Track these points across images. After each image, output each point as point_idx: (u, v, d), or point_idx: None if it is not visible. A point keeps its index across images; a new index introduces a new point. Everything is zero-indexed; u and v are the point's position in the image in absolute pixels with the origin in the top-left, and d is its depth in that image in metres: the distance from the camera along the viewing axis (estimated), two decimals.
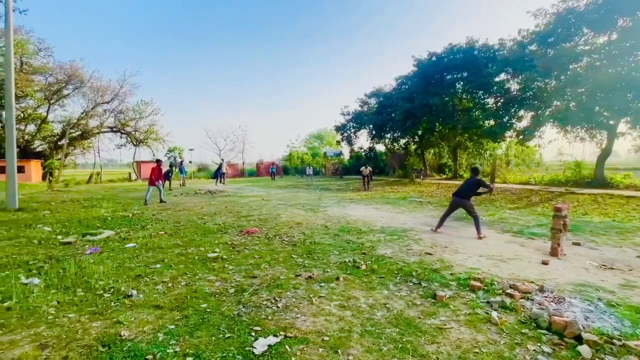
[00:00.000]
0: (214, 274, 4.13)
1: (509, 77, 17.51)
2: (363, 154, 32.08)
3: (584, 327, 2.76)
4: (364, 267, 4.37)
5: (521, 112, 16.73)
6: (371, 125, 27.16)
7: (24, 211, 9.51)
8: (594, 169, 14.69)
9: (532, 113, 16.01)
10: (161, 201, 11.78)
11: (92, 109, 32.01)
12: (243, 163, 40.64)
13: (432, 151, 27.68)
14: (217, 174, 22.48)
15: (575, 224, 7.34)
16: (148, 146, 35.72)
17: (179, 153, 37.53)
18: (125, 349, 2.56)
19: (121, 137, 35.13)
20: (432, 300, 3.38)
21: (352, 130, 30.09)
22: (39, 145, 32.37)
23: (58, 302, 3.34)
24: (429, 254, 5.05)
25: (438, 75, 20.84)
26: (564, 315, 2.98)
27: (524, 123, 16.69)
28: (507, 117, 16.93)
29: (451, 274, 4.14)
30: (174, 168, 19.68)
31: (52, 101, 30.54)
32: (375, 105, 27.59)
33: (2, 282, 3.83)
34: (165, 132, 37.29)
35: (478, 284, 3.71)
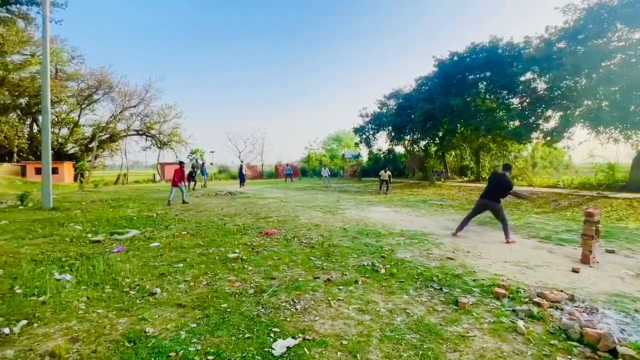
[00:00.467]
0: (234, 274, 4.20)
1: (536, 76, 16.83)
2: (382, 155, 31.73)
3: (619, 341, 2.60)
4: (383, 270, 4.32)
5: (548, 112, 16.04)
6: (390, 127, 26.86)
7: (58, 210, 10.04)
8: (629, 171, 13.87)
9: (561, 113, 15.31)
10: (184, 202, 12.10)
11: (119, 112, 33.52)
12: (262, 165, 41.20)
13: (453, 153, 27.05)
14: (242, 176, 22.81)
15: (609, 230, 6.94)
16: (171, 148, 37.04)
17: (201, 155, 38.55)
18: (149, 345, 2.64)
19: (146, 140, 36.65)
20: (454, 307, 3.29)
21: (371, 132, 29.84)
22: (71, 148, 34.21)
23: (88, 298, 3.49)
24: (451, 258, 4.92)
25: (460, 75, 20.35)
26: (597, 327, 2.82)
27: (551, 124, 15.98)
28: (533, 118, 16.28)
29: (474, 280, 4.02)
30: (196, 169, 20.18)
31: (83, 106, 32.23)
32: (394, 107, 27.27)
33: (38, 278, 4.06)
34: (187, 134, 38.61)
35: (503, 291, 3.58)
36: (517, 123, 17.40)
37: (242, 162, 29.61)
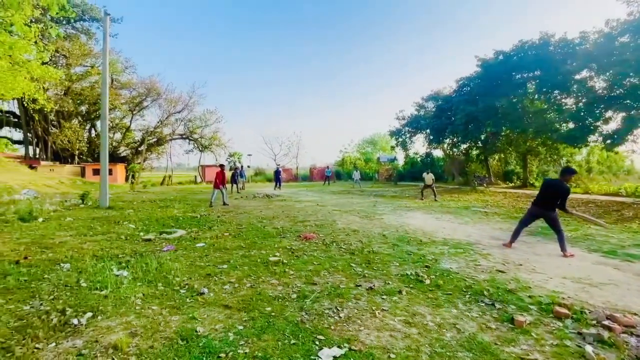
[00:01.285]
0: (276, 278, 4.26)
1: (593, 74, 15.42)
2: (418, 159, 30.88)
3: None
4: (427, 281, 4.15)
5: (609, 113, 14.61)
6: (428, 130, 26.11)
7: (113, 209, 10.86)
8: None
9: (624, 114, 13.88)
10: (224, 204, 12.54)
11: (166, 118, 35.81)
12: (297, 168, 41.79)
13: (496, 157, 25.64)
14: (278, 180, 23.25)
15: None
16: (212, 151, 38.80)
17: (238, 158, 39.99)
18: (201, 344, 2.74)
19: (189, 144, 38.74)
20: (510, 325, 3.06)
21: (408, 135, 29.16)
22: (123, 151, 37.16)
23: (143, 295, 3.72)
24: (501, 271, 4.61)
25: (505, 75, 19.24)
26: None
27: (612, 125, 14.55)
28: (590, 119, 14.93)
29: (530, 297, 3.72)
30: (238, 171, 20.87)
31: (134, 112, 34.94)
32: (433, 109, 26.49)
33: (100, 272, 4.39)
34: (226, 138, 40.33)
35: (564, 310, 3.27)
36: (570, 125, 16.07)
37: (278, 165, 30.24)
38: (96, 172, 27.50)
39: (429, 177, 15.26)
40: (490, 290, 3.88)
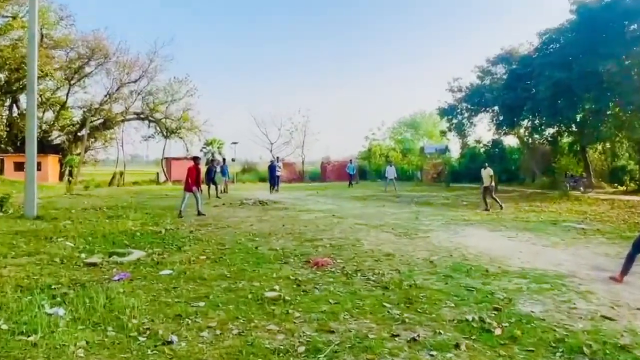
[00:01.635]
0: (275, 322, 4.28)
1: None
2: (481, 150, 30.55)
3: None
4: (498, 331, 4.10)
5: None
6: (496, 107, 25.95)
7: (43, 220, 11.17)
8: None
9: None
10: (199, 213, 12.70)
11: (116, 90, 36.49)
12: (303, 162, 41.97)
13: (599, 147, 25.36)
14: (274, 179, 23.45)
15: None
16: (181, 138, 39.31)
17: (218, 148, 40.32)
18: None
19: (149, 126, 39.34)
20: None
21: (466, 115, 28.98)
22: (57, 137, 38.05)
23: (87, 343, 3.78)
24: (609, 318, 4.53)
25: (614, 25, 18.87)
26: None
27: None
28: None
29: None
30: (218, 166, 21.12)
31: (72, 81, 35.65)
32: (504, 76, 26.20)
33: (26, 310, 4.50)
34: (202, 119, 40.42)
35: None
36: None
37: (276, 158, 30.28)
38: (19, 166, 28.24)
39: (486, 174, 15.13)
40: (593, 347, 3.80)
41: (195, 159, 13.36)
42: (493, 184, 15.35)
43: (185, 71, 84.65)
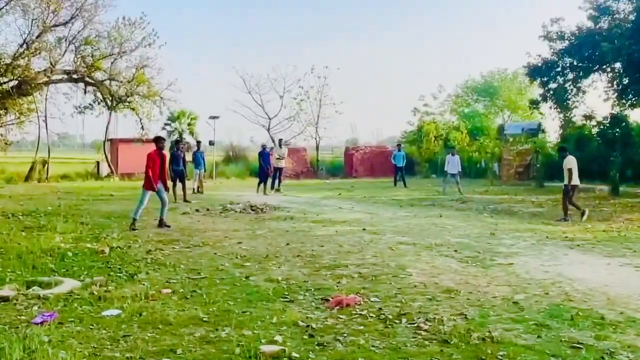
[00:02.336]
0: None
1: None
2: (594, 130, 29.94)
3: None
4: None
5: None
6: (619, 64, 25.42)
7: None
8: None
9: None
10: (161, 224, 12.72)
11: (37, 37, 36.22)
12: (317, 147, 41.83)
13: None
14: (265, 172, 23.35)
15: None
16: (133, 109, 38.57)
17: (190, 125, 40.32)
18: None
19: (85, 92, 38.64)
20: None
21: (570, 76, 28.18)
22: None
23: None
24: None
25: None
26: None
27: None
28: None
29: None
30: (182, 152, 20.92)
31: None
32: (633, 16, 25.42)
33: None
34: (165, 81, 39.77)
35: None
36: None
37: (278, 141, 29.61)
38: None
39: (570, 163, 15.80)
40: None
41: (158, 141, 13.15)
42: (571, 181, 15.89)
43: (142, 8, 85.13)
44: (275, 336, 5.37)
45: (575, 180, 15.71)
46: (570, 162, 15.77)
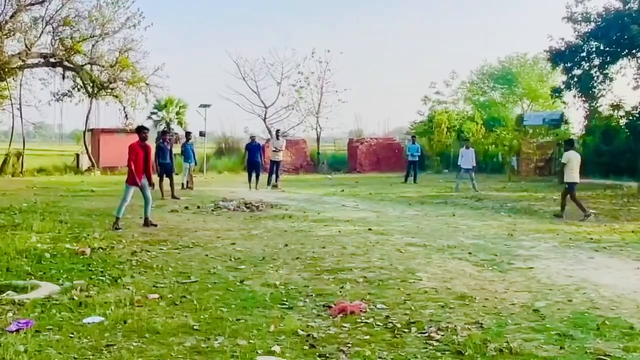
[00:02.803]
0: None
1: None
2: (622, 121, 29.90)
3: None
4: None
5: None
6: None
7: None
8: None
9: None
10: (147, 222, 12.76)
11: (11, 16, 36.24)
12: (318, 139, 41.89)
13: None
14: (256, 165, 23.27)
15: None
16: (116, 96, 38.68)
17: (178, 114, 40.34)
18: None
19: (64, 77, 38.69)
20: None
21: (596, 62, 28.32)
22: None
23: None
24: None
25: None
26: None
27: None
28: None
29: None
30: (168, 145, 20.86)
31: None
32: None
33: None
34: (151, 66, 39.93)
35: None
36: None
37: (275, 132, 29.58)
38: None
39: (571, 158, 15.98)
40: None
41: (141, 131, 13.09)
42: (570, 178, 16.14)
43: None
44: (273, 346, 5.38)
45: (573, 178, 15.94)
46: (567, 157, 15.95)
